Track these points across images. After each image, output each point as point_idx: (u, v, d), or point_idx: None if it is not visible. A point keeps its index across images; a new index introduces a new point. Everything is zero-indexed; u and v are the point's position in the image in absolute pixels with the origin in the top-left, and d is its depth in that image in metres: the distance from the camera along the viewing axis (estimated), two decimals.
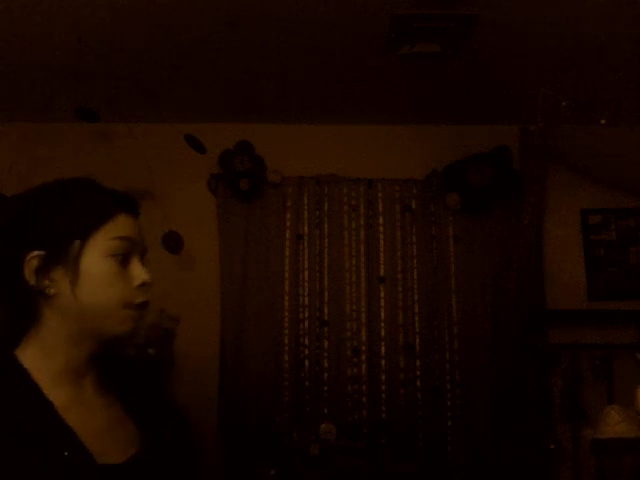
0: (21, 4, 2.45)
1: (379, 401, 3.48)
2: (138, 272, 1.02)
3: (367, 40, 2.76)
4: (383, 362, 3.51)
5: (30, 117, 3.57)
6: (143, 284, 1.02)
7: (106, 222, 1.00)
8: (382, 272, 3.60)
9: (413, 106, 3.52)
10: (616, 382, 3.47)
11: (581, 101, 2.74)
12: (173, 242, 3.29)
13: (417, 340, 3.55)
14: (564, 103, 2.68)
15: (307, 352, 3.54)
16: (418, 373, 3.52)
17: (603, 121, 2.74)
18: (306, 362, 3.53)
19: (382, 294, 3.58)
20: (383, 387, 3.50)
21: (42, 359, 0.99)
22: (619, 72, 2.91)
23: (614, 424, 2.49)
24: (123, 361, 1.18)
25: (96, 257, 0.98)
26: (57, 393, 0.98)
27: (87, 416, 1.00)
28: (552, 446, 3.40)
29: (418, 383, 3.51)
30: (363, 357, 3.53)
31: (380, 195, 3.67)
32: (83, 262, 0.98)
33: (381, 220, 3.65)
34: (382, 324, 3.55)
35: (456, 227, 3.63)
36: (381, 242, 3.63)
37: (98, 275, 0.98)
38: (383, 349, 3.52)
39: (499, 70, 3.06)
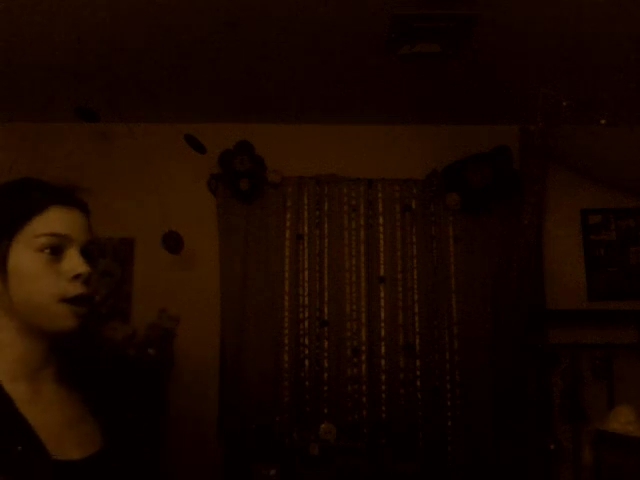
0: (21, 4, 2.45)
1: (379, 401, 3.48)
2: (72, 265, 1.00)
3: (367, 40, 2.76)
4: (383, 362, 3.51)
5: (30, 117, 3.57)
6: (78, 276, 1.00)
7: (32, 218, 1.00)
8: (382, 272, 3.60)
9: (413, 106, 3.52)
10: (616, 382, 3.47)
11: (581, 101, 2.74)
12: (173, 242, 3.29)
13: (417, 340, 3.55)
14: (564, 103, 2.68)
15: (307, 352, 3.53)
16: (418, 373, 3.52)
17: (603, 121, 2.74)
18: (306, 362, 3.53)
19: (382, 294, 3.58)
20: (383, 387, 3.50)
21: None
22: (619, 72, 2.91)
23: (624, 422, 2.47)
24: (87, 357, 1.18)
25: (23, 253, 0.99)
26: (14, 387, 0.97)
27: (45, 411, 0.99)
28: (552, 446, 3.40)
29: (418, 383, 3.51)
30: (363, 357, 3.53)
31: (380, 195, 3.67)
32: (11, 259, 0.98)
33: (381, 220, 3.65)
34: (382, 324, 3.55)
35: (456, 227, 3.63)
36: (381, 242, 3.63)
37: (26, 271, 0.98)
38: (383, 349, 3.52)
39: (499, 70, 3.06)
